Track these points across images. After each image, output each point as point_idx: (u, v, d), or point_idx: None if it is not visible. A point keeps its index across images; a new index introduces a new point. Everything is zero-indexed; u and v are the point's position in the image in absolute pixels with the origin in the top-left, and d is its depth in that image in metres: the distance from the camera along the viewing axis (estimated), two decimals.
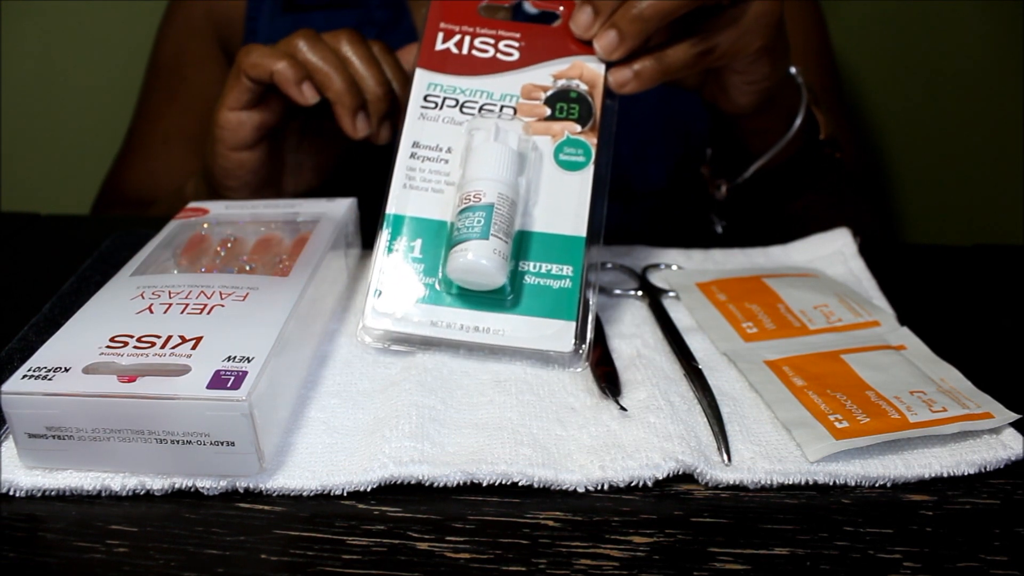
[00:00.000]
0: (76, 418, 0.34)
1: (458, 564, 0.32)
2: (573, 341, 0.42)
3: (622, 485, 0.35)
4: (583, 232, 0.44)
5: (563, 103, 0.47)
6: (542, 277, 0.43)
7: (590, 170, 0.46)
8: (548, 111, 0.47)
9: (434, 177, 0.45)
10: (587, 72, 0.48)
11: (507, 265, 0.42)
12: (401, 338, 0.43)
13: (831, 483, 0.36)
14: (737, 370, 0.43)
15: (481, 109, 0.47)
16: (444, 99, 0.47)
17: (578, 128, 0.46)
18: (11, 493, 0.35)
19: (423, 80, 0.47)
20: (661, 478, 0.36)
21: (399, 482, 0.35)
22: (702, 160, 0.66)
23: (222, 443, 0.34)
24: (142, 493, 0.35)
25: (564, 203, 0.45)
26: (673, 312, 0.48)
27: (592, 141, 0.46)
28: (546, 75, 0.48)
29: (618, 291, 0.50)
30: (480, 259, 0.41)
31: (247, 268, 0.45)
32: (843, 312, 0.46)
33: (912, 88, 1.00)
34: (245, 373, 0.35)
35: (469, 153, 0.45)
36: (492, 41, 0.48)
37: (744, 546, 0.33)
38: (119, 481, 0.35)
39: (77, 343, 0.37)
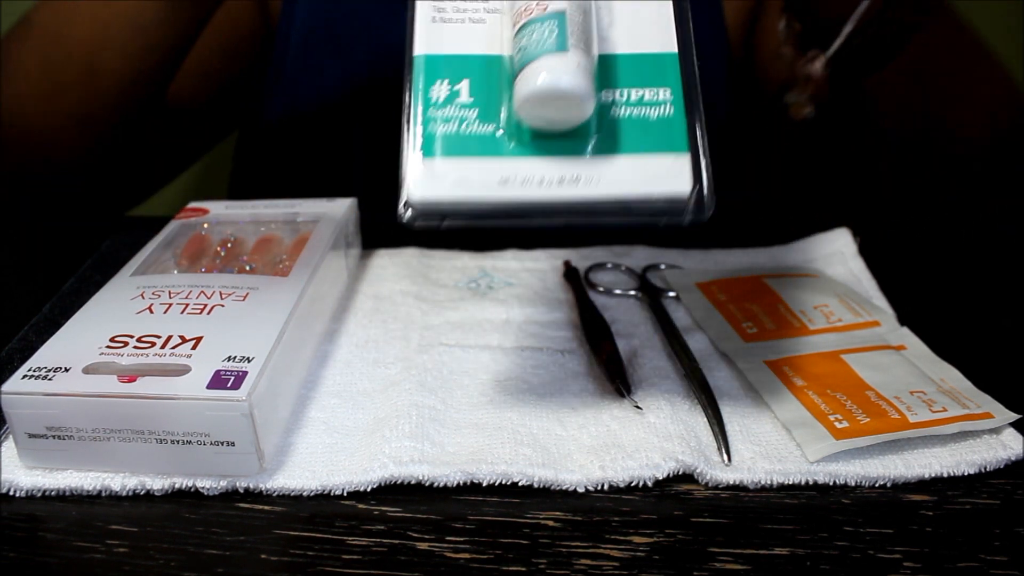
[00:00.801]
0: (76, 418, 0.34)
1: (458, 564, 0.32)
2: (691, 181, 0.32)
3: (622, 485, 0.35)
4: (673, 47, 0.35)
5: None
6: (635, 106, 0.34)
7: None
8: None
9: (469, 4, 0.35)
10: None
11: (594, 88, 0.33)
12: (461, 209, 0.33)
13: (831, 483, 0.36)
14: (737, 370, 0.43)
15: None
16: None
17: None
18: (11, 493, 0.35)
19: None
20: (661, 478, 0.36)
21: (399, 482, 0.35)
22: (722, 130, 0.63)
23: (222, 443, 0.34)
24: (142, 493, 0.35)
25: (641, 13, 0.35)
26: (673, 312, 0.48)
27: None
28: None
29: (618, 291, 0.50)
30: (561, 78, 0.31)
31: (247, 268, 0.45)
32: (843, 312, 0.46)
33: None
34: (245, 373, 0.35)
35: None
36: None
37: (744, 546, 0.33)
38: (119, 481, 0.35)
39: (77, 343, 0.37)
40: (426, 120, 0.33)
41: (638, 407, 0.38)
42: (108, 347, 0.36)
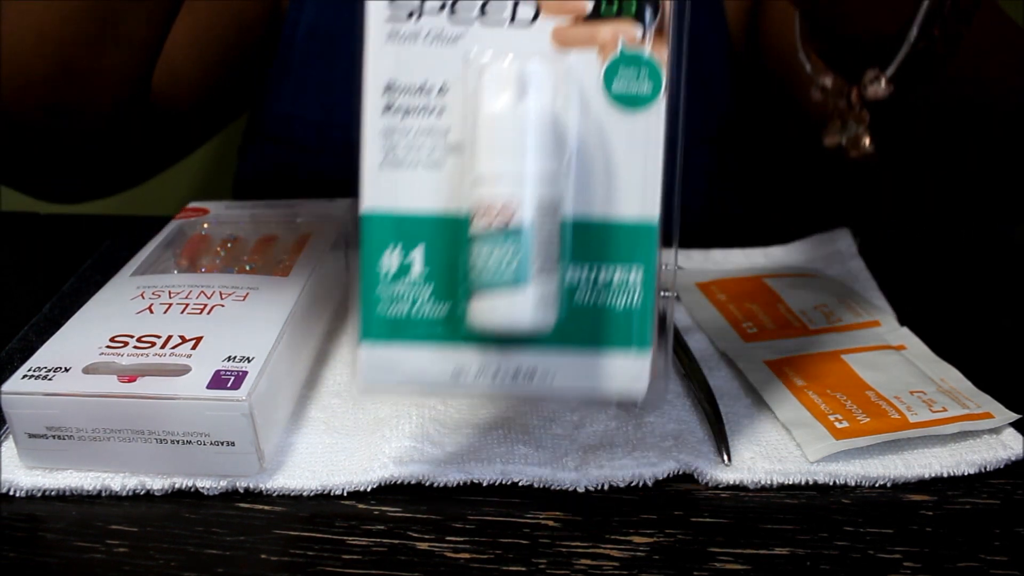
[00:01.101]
0: (76, 418, 0.34)
1: (458, 564, 0.32)
2: (647, 380, 0.31)
3: (622, 485, 0.35)
4: (655, 213, 0.30)
5: None
6: (601, 291, 0.31)
7: (661, 106, 0.30)
8: (589, 4, 0.30)
9: (426, 141, 0.30)
10: None
11: (556, 306, 0.30)
12: (413, 390, 0.33)
13: (831, 483, 0.36)
14: (737, 370, 0.43)
15: (484, 9, 0.30)
16: (423, 0, 0.30)
17: (638, 32, 0.30)
18: (11, 493, 0.35)
19: None
20: (661, 478, 0.36)
21: (399, 482, 0.35)
22: (722, 123, 0.59)
23: (222, 443, 0.34)
24: (142, 493, 0.35)
25: (622, 166, 0.30)
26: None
27: (662, 53, 0.30)
28: None
29: None
30: (520, 318, 0.29)
31: (247, 268, 0.45)
32: (843, 312, 0.46)
33: None
34: (245, 373, 0.35)
35: (479, 116, 0.29)
36: None
37: (744, 546, 0.33)
38: (119, 481, 0.35)
39: (77, 343, 0.37)
40: (375, 299, 0.31)
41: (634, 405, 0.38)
42: (108, 347, 0.36)
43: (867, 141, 0.44)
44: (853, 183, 0.62)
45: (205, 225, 0.49)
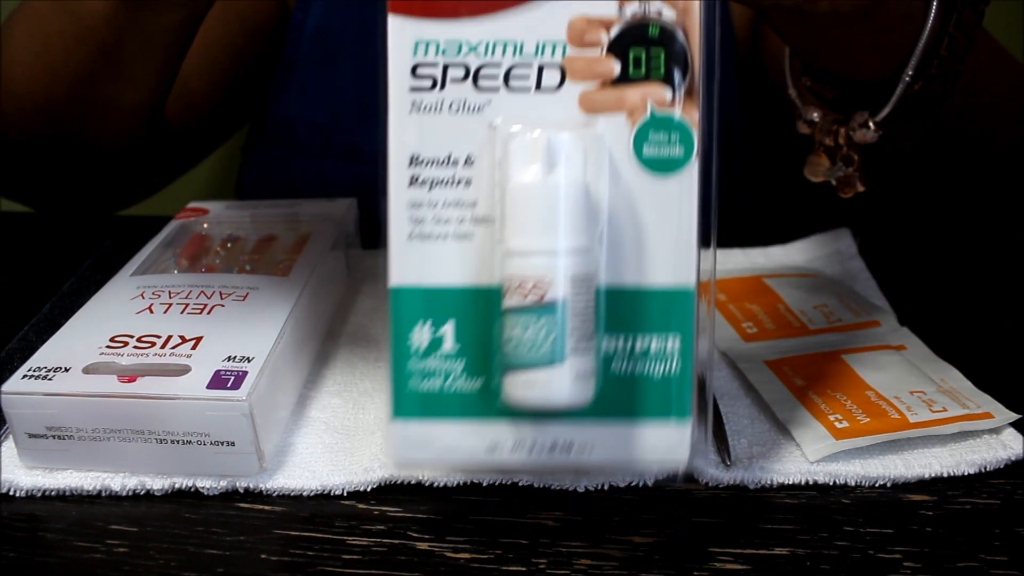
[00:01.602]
0: (76, 418, 0.34)
1: (458, 564, 0.32)
2: (689, 448, 0.30)
3: (622, 485, 0.35)
4: (690, 279, 0.30)
5: (639, 49, 0.29)
6: (635, 360, 0.30)
7: (694, 169, 0.29)
8: (616, 66, 0.29)
9: (454, 213, 0.30)
10: None
11: (593, 380, 0.29)
12: (446, 468, 0.33)
13: (831, 483, 0.36)
14: (737, 370, 0.43)
15: (508, 76, 0.29)
16: (445, 67, 0.29)
17: (668, 95, 0.29)
18: (11, 493, 0.35)
19: (404, 37, 0.29)
20: (661, 478, 0.36)
21: (399, 482, 0.35)
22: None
23: (222, 443, 0.34)
24: (142, 493, 0.35)
25: (657, 232, 0.30)
26: None
27: (693, 115, 0.29)
28: None
29: None
30: (556, 396, 0.28)
31: (247, 268, 0.45)
32: (843, 312, 0.46)
33: None
34: (245, 373, 0.35)
35: (507, 188, 0.29)
36: None
37: (744, 546, 0.33)
38: (119, 481, 0.35)
39: (77, 343, 0.37)
40: (406, 374, 0.30)
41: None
42: (108, 347, 0.36)
43: (859, 185, 0.44)
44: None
45: (205, 225, 0.49)
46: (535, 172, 0.29)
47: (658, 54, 0.29)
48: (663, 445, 0.30)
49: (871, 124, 0.41)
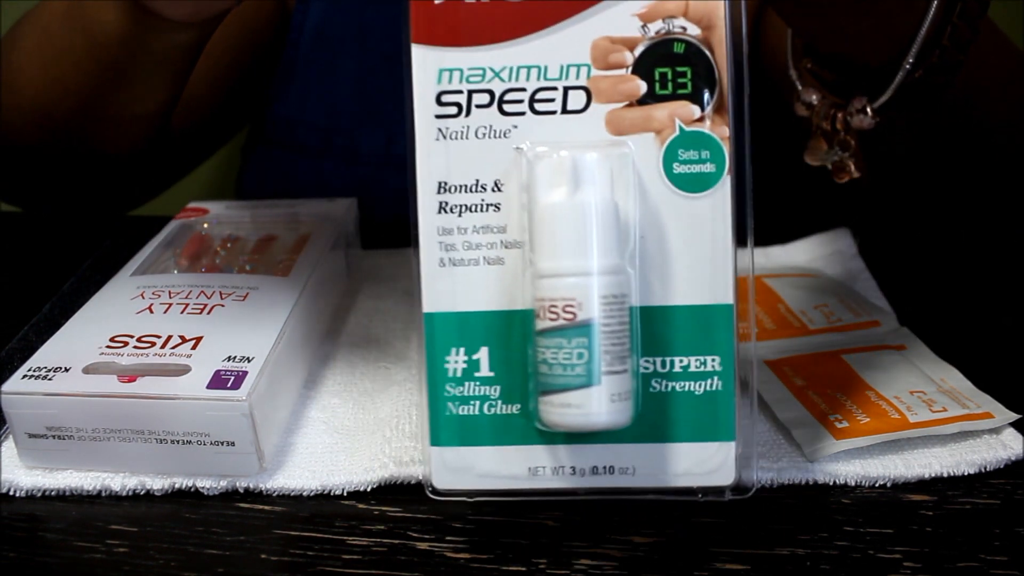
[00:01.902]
0: (76, 418, 0.34)
1: (458, 564, 0.32)
2: (735, 469, 0.30)
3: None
4: (728, 297, 0.30)
5: (665, 67, 0.29)
6: (679, 380, 0.30)
7: (727, 185, 0.30)
8: (643, 86, 0.29)
9: (484, 238, 0.30)
10: (695, 3, 0.29)
11: (631, 401, 0.29)
12: (489, 494, 0.32)
13: (831, 483, 0.36)
14: None
15: (533, 99, 0.29)
16: (470, 94, 0.29)
17: (696, 112, 0.29)
18: (11, 493, 0.35)
19: (427, 66, 0.29)
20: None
21: (399, 482, 0.35)
22: None
23: (222, 443, 0.34)
24: (142, 493, 0.35)
25: (691, 251, 0.30)
26: None
27: (723, 131, 0.29)
28: (626, 16, 0.29)
29: None
30: (594, 418, 0.28)
31: (247, 268, 0.45)
32: (843, 312, 0.46)
33: None
34: (245, 373, 0.35)
35: (535, 210, 0.29)
36: None
37: (744, 546, 0.33)
38: (119, 481, 0.35)
39: (77, 343, 0.37)
40: (443, 401, 0.30)
41: None
42: (108, 347, 0.36)
43: (854, 169, 0.43)
44: (853, 185, 0.62)
45: (205, 225, 0.49)
46: (562, 192, 0.29)
47: (684, 71, 0.29)
48: (708, 465, 0.30)
49: (869, 110, 0.41)
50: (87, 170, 0.60)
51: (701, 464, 0.30)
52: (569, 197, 0.29)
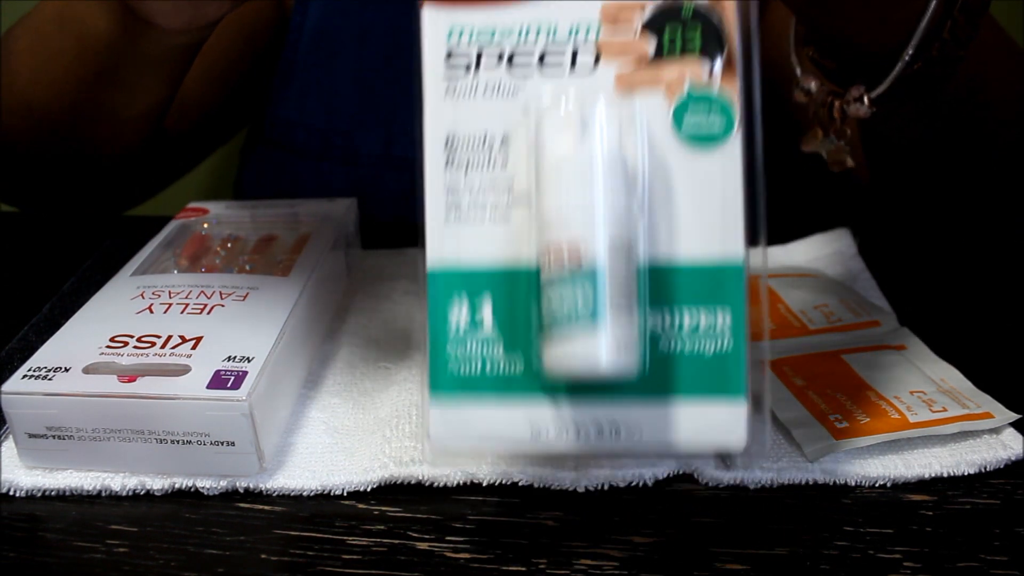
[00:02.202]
0: (76, 418, 0.34)
1: (458, 564, 0.32)
2: (747, 431, 0.29)
3: (622, 485, 0.35)
4: (739, 252, 0.30)
5: (674, 25, 0.29)
6: (688, 338, 0.29)
7: (736, 143, 0.29)
8: (652, 45, 0.29)
9: (489, 196, 0.30)
10: None
11: (637, 350, 0.29)
12: (489, 453, 0.33)
13: (831, 483, 0.36)
14: None
15: (543, 59, 0.30)
16: (479, 53, 0.30)
17: (705, 71, 0.29)
18: (11, 493, 0.35)
19: (438, 25, 0.30)
20: (661, 478, 0.36)
21: (399, 482, 0.35)
22: None
23: (222, 443, 0.34)
24: (142, 493, 0.35)
25: (701, 206, 0.30)
26: None
27: (732, 89, 0.29)
28: None
29: None
30: (596, 359, 0.27)
31: (247, 268, 0.45)
32: (843, 312, 0.46)
33: None
34: (245, 373, 0.35)
35: (542, 160, 0.29)
36: None
37: (744, 546, 0.33)
38: (119, 481, 0.35)
39: (77, 343, 0.37)
40: (445, 357, 0.29)
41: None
42: (108, 347, 0.36)
43: (848, 159, 0.44)
44: (853, 184, 0.62)
45: (205, 225, 0.49)
46: (569, 141, 0.29)
47: (694, 31, 0.29)
48: (719, 425, 0.29)
49: (866, 99, 0.41)
50: (83, 171, 0.60)
51: (711, 427, 0.29)
52: (576, 145, 0.29)
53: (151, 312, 0.39)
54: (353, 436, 0.38)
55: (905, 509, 0.35)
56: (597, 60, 0.30)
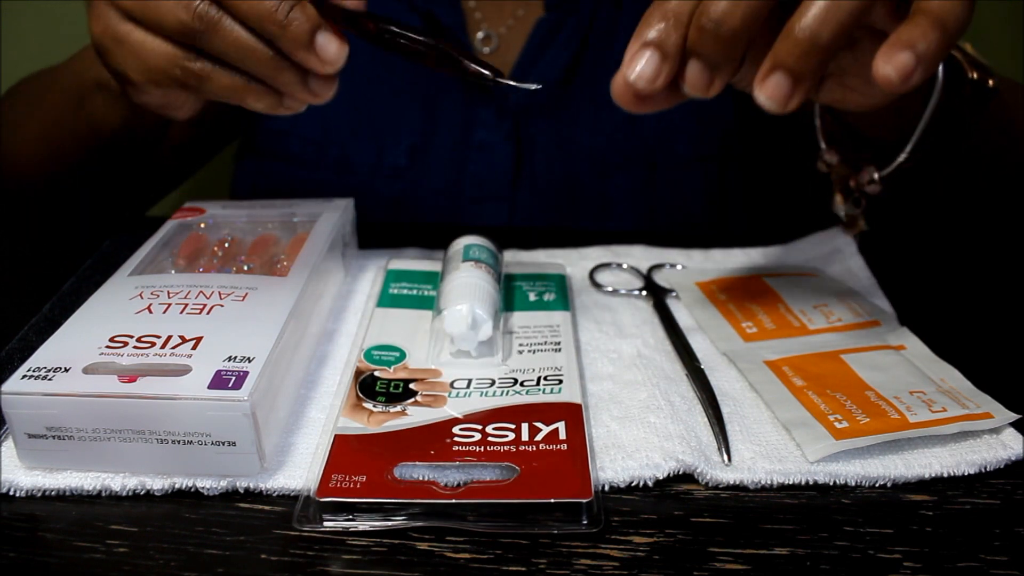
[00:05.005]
0: (76, 418, 0.34)
1: (458, 564, 0.32)
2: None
3: (622, 485, 0.35)
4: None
5: None
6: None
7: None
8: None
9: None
10: None
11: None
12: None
13: (831, 483, 0.36)
14: (737, 370, 0.43)
15: None
16: None
17: None
18: (11, 493, 0.35)
19: None
20: (661, 478, 0.36)
21: None
22: (726, 124, 0.61)
23: (223, 443, 0.34)
24: (142, 493, 0.35)
25: None
26: (677, 312, 0.48)
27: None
28: None
29: (623, 290, 0.50)
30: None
31: (245, 268, 0.45)
32: (843, 312, 0.46)
33: None
34: (246, 373, 0.35)
35: None
36: None
37: (744, 546, 0.33)
38: (119, 481, 0.35)
39: (77, 343, 0.37)
40: None
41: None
42: (108, 347, 0.36)
43: (862, 223, 0.51)
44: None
45: (202, 225, 0.49)
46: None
47: None
48: None
49: (876, 176, 0.48)
50: (80, 193, 0.65)
51: None
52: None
53: (150, 312, 0.39)
54: None
55: (905, 509, 0.35)
56: None
